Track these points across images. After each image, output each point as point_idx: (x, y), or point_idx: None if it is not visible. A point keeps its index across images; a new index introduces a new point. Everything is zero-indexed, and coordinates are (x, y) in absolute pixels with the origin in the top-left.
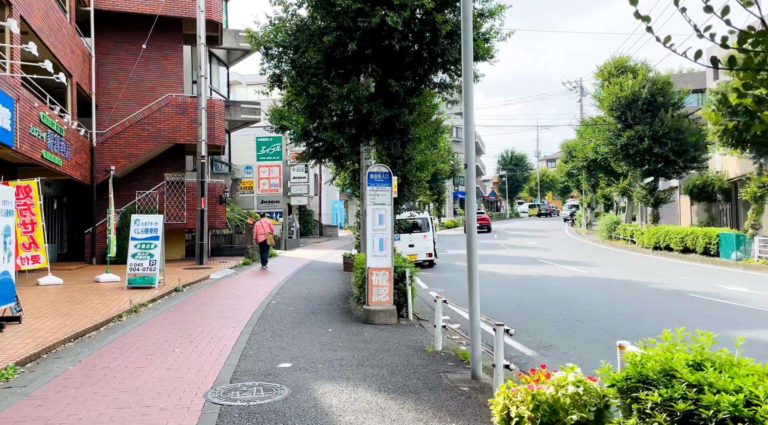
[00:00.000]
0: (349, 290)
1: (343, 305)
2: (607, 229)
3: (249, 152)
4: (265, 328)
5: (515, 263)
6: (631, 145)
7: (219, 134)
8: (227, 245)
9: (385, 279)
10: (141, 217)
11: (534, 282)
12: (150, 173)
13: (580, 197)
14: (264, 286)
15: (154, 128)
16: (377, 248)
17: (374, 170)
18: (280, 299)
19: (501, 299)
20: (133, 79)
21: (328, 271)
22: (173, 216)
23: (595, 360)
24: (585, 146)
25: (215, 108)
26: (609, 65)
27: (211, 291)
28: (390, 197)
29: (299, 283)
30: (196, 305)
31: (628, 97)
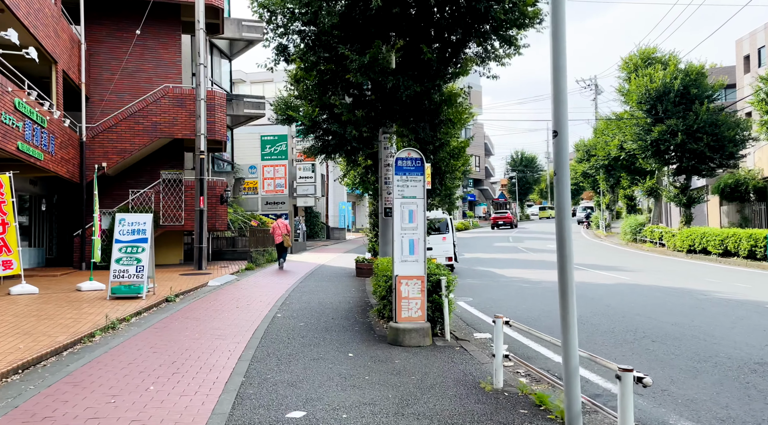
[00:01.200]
0: (366, 300)
1: (362, 319)
2: (632, 231)
3: (253, 151)
4: (268, 353)
5: (544, 268)
6: (662, 140)
7: (220, 129)
8: (229, 248)
9: (416, 290)
10: (127, 216)
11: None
12: (146, 170)
13: (597, 197)
14: (268, 295)
15: (149, 121)
16: (406, 251)
17: (403, 155)
18: (287, 312)
19: (545, 312)
20: (128, 70)
21: (339, 277)
22: (170, 217)
23: (714, 401)
24: (608, 143)
25: (216, 100)
26: (634, 57)
27: (207, 301)
28: (422, 189)
29: (308, 291)
30: (188, 320)
31: (658, 89)
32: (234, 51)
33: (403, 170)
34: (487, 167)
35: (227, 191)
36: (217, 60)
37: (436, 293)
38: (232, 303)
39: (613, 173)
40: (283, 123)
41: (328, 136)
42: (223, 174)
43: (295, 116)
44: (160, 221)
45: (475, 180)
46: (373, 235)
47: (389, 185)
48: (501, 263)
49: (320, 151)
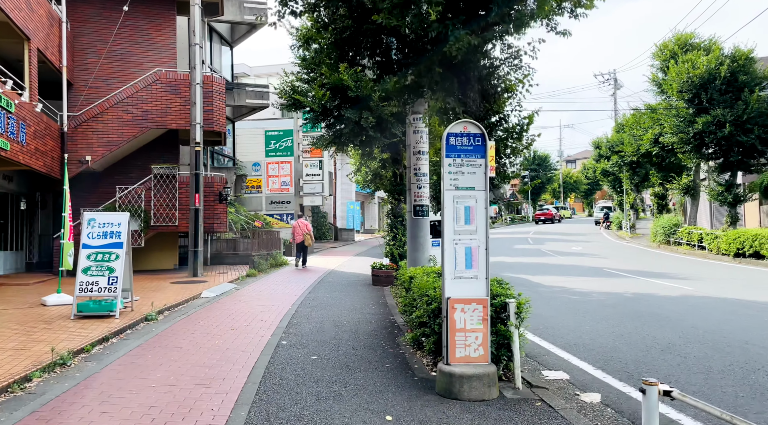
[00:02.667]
0: (390, 318)
1: (392, 349)
2: (664, 232)
3: (257, 147)
4: (269, 413)
5: (582, 275)
6: (706, 132)
7: (218, 118)
8: (230, 251)
9: (476, 318)
10: (98, 215)
11: (634, 304)
12: (136, 165)
13: (617, 197)
14: (272, 310)
15: (138, 109)
16: (462, 263)
17: (457, 129)
18: (294, 337)
19: (620, 337)
20: (116, 53)
21: (353, 286)
22: (163, 217)
23: None
24: (640, 137)
25: (214, 86)
26: (669, 43)
27: (196, 320)
28: (483, 177)
29: (319, 305)
30: (165, 351)
31: (702, 77)
32: (235, 37)
33: (456, 150)
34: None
35: (227, 188)
36: (217, 47)
37: (500, 321)
38: (226, 323)
39: (638, 171)
40: (288, 109)
41: (340, 123)
42: (223, 170)
43: (302, 101)
44: (151, 221)
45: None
46: (391, 237)
47: (420, 178)
48: (531, 269)
49: (331, 141)
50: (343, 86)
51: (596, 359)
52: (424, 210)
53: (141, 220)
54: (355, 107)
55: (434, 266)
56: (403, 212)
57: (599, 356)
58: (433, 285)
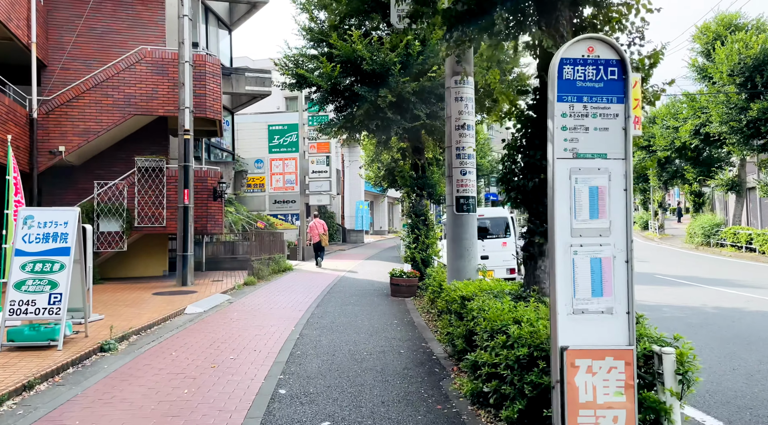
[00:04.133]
0: (423, 345)
1: (440, 404)
2: (704, 233)
3: (259, 143)
4: None
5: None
6: (762, 120)
7: (213, 104)
8: (228, 255)
9: (616, 385)
10: (37, 212)
11: (727, 323)
12: (120, 158)
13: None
14: (269, 334)
15: (120, 93)
16: (585, 288)
17: (576, 52)
18: (296, 382)
19: (739, 373)
20: (97, 31)
21: (369, 296)
22: (149, 217)
23: None
24: (677, 129)
25: (207, 66)
26: (711, 25)
27: (168, 350)
28: (623, 136)
29: (329, 325)
30: (106, 407)
31: (757, 58)
32: (234, 18)
33: (575, 89)
34: None
35: (222, 183)
36: (214, 30)
37: (644, 382)
38: (207, 355)
39: (667, 168)
40: (292, 88)
41: (353, 104)
42: (220, 165)
43: (309, 78)
44: (134, 221)
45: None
46: (412, 239)
47: (464, 161)
48: None
49: (342, 127)
50: (357, 58)
51: (743, 419)
52: (470, 204)
53: (123, 220)
54: (370, 84)
55: (484, 278)
56: (425, 211)
57: (745, 415)
58: (510, 316)
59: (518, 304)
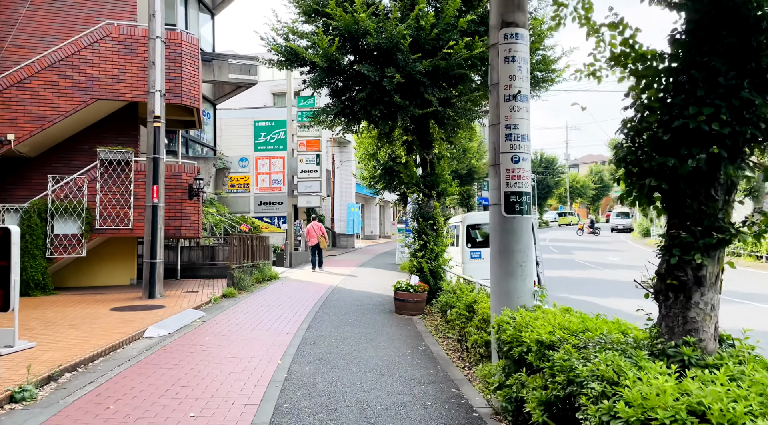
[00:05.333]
0: (454, 390)
1: None
2: None
3: (244, 140)
4: None
5: None
6: None
7: (190, 90)
8: (207, 262)
9: None
10: None
11: None
12: (83, 150)
13: None
14: (246, 370)
15: (81, 74)
16: None
17: None
18: None
19: None
20: (58, 4)
21: (369, 314)
22: (113, 217)
23: None
24: None
25: (183, 46)
26: None
27: (106, 398)
28: None
29: (325, 357)
30: None
31: None
32: (218, 1)
33: None
34: None
35: (200, 180)
36: (195, 13)
37: None
38: (157, 410)
39: None
40: (280, 67)
41: (353, 87)
42: (199, 160)
43: (301, 53)
44: (96, 222)
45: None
46: (419, 246)
47: (517, 143)
48: (587, 287)
49: (339, 113)
50: (360, 31)
51: None
52: (525, 203)
53: (82, 221)
54: (375, 63)
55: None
56: (434, 213)
57: None
58: (684, 403)
59: (664, 368)
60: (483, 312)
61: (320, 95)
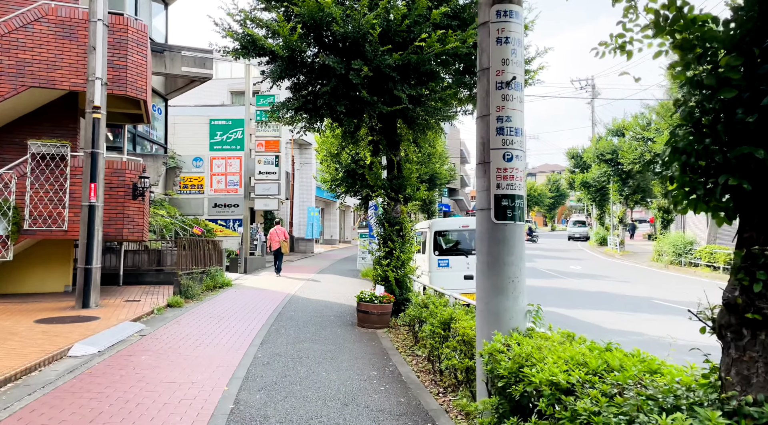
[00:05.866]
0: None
1: None
2: (675, 251)
3: (199, 139)
4: None
5: (637, 310)
6: None
7: (136, 80)
8: (153, 267)
9: None
10: None
11: None
12: (13, 142)
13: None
14: (185, 401)
15: (11, 58)
16: None
17: None
18: None
19: None
20: None
21: (329, 326)
22: (44, 217)
23: None
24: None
25: (130, 33)
26: None
27: None
28: None
29: (280, 383)
30: None
31: None
32: None
33: None
34: (462, 175)
35: (145, 179)
36: (146, 2)
37: None
38: None
39: (628, 182)
40: (237, 55)
41: (317, 80)
42: (148, 158)
43: (260, 42)
44: (24, 223)
45: (450, 189)
46: (384, 254)
47: (510, 138)
48: (554, 297)
49: (301, 108)
50: (325, 19)
51: None
52: (518, 207)
53: (8, 221)
54: (341, 54)
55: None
56: (401, 219)
57: None
58: None
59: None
60: (464, 332)
61: (280, 88)
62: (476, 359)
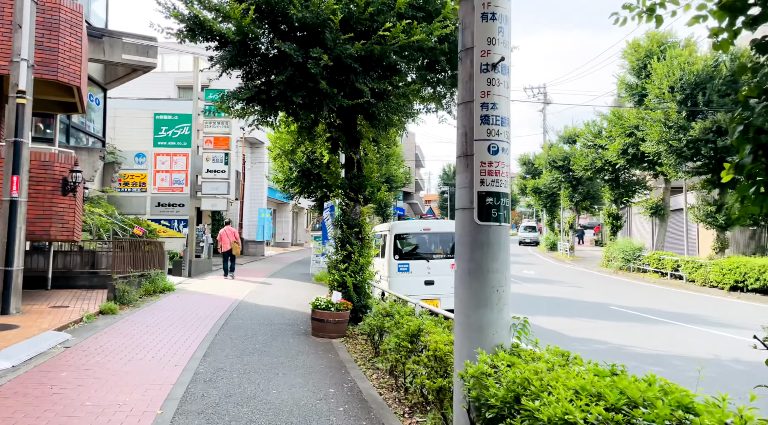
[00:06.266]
0: None
1: None
2: (625, 257)
3: (142, 134)
4: None
5: (594, 317)
6: (703, 141)
7: (69, 65)
8: (87, 269)
9: None
10: None
11: None
12: None
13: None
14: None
15: None
16: None
17: None
18: None
19: None
20: None
21: (281, 335)
22: None
23: None
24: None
25: (63, 12)
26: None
27: None
28: None
29: (223, 406)
30: None
31: (700, 75)
32: None
33: None
34: (417, 179)
35: (77, 173)
36: None
37: None
38: None
39: (579, 189)
40: (181, 38)
41: (271, 69)
42: (82, 151)
43: (208, 24)
44: None
45: (404, 193)
46: (342, 258)
47: (495, 127)
48: (515, 304)
49: (253, 99)
50: (281, 2)
51: None
52: (503, 206)
53: None
54: (298, 41)
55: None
56: (361, 221)
57: None
58: None
59: None
60: (436, 347)
61: (231, 77)
62: (454, 380)
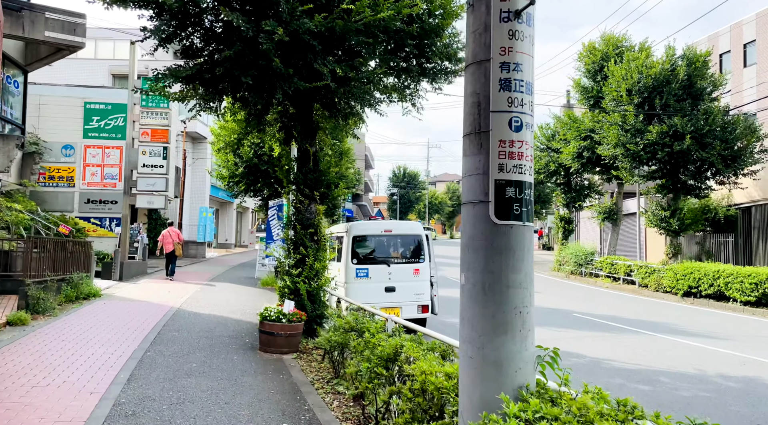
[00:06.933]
0: None
1: None
2: (577, 261)
3: (71, 124)
4: None
5: (563, 327)
6: (660, 144)
7: None
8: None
9: None
10: None
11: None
12: None
13: None
14: None
15: None
16: None
17: None
18: None
19: None
20: None
21: (223, 351)
22: None
23: None
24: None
25: None
26: (594, 45)
27: None
28: None
29: None
30: None
31: (658, 78)
32: None
33: None
34: (367, 181)
35: None
36: None
37: None
38: None
39: None
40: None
41: (215, 44)
42: None
43: None
44: None
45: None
46: (295, 262)
47: (518, 95)
48: None
49: (194, 77)
50: None
51: None
52: (525, 201)
53: None
54: (248, 13)
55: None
56: (316, 220)
57: None
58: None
59: None
60: (424, 379)
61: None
62: None
